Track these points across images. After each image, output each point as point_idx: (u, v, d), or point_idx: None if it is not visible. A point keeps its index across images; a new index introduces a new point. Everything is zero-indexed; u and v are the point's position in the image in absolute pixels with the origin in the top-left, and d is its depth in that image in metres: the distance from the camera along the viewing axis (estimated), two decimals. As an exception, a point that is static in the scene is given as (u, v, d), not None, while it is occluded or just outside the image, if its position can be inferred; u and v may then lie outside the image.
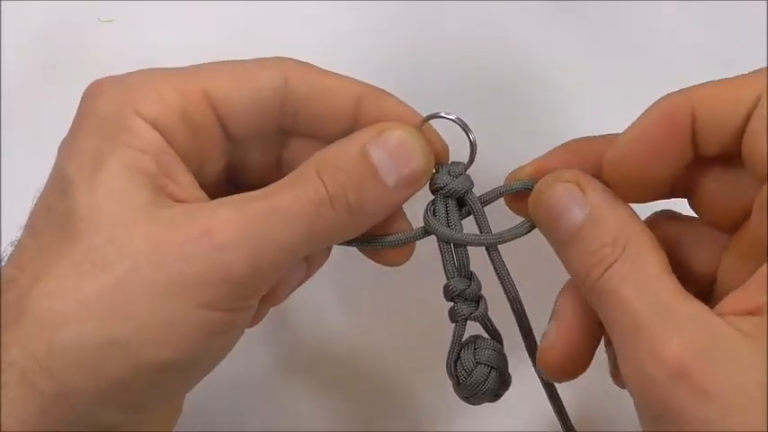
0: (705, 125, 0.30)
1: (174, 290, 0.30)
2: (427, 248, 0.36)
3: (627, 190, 0.33)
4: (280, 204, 0.31)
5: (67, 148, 0.32)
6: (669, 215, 0.36)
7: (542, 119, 0.34)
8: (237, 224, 0.31)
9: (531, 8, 0.56)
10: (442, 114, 0.35)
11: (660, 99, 0.31)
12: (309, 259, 0.37)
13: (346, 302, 0.49)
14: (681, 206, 0.35)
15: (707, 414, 0.26)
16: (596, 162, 0.33)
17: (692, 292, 0.30)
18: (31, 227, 0.32)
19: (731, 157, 0.31)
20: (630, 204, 0.33)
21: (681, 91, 0.31)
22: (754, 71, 0.30)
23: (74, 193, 0.31)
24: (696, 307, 0.28)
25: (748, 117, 0.29)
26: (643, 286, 0.29)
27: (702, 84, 0.31)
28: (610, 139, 0.33)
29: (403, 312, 0.49)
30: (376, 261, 0.37)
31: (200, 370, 0.33)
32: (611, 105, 0.32)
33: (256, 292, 0.32)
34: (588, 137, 0.35)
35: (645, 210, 0.34)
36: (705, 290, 0.34)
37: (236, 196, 0.32)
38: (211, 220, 0.31)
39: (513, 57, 0.55)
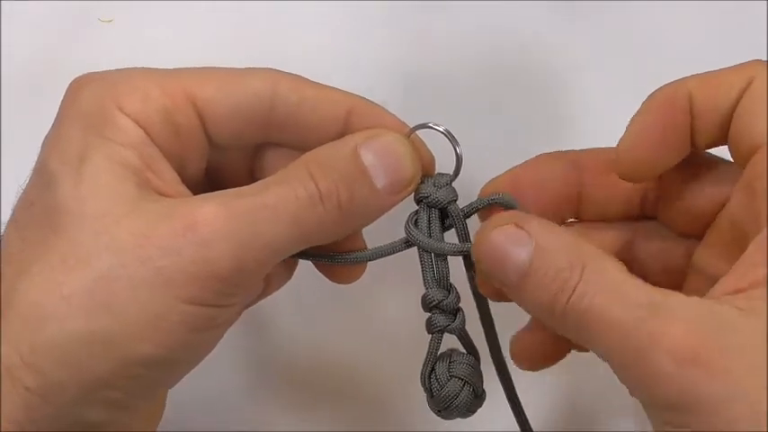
0: (700, 111, 0.31)
1: (158, 284, 0.30)
2: (411, 258, 0.36)
3: (636, 176, 0.34)
4: (267, 200, 0.31)
5: (50, 142, 0.32)
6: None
7: (536, 132, 0.34)
8: (223, 219, 0.30)
9: (531, 12, 0.56)
10: (431, 125, 0.35)
11: (658, 89, 0.32)
12: (269, 278, 0.37)
13: (328, 311, 0.49)
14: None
15: (727, 392, 0.26)
16: (566, 173, 0.35)
17: None
18: (15, 221, 0.32)
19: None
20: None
21: (677, 80, 0.32)
22: (749, 61, 0.31)
23: (58, 186, 0.31)
24: (679, 296, 0.28)
25: (740, 99, 0.31)
26: (616, 296, 0.29)
27: (698, 74, 0.32)
28: (579, 152, 0.35)
29: (383, 322, 0.49)
30: (330, 279, 0.37)
31: (182, 366, 0.33)
32: (609, 110, 0.32)
33: (241, 288, 0.32)
34: (558, 151, 0.36)
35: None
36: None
37: (222, 192, 0.32)
38: (197, 214, 0.30)
39: (508, 66, 0.55)
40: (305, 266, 0.38)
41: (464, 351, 0.36)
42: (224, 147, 0.35)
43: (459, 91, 0.54)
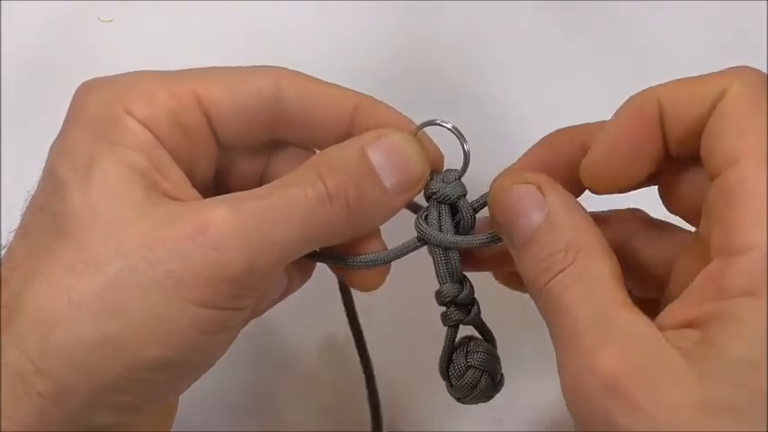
0: (671, 121, 0.30)
1: (168, 287, 0.29)
2: (417, 259, 0.36)
3: (605, 189, 0.33)
4: (277, 202, 0.31)
5: (59, 147, 0.32)
6: (629, 212, 0.36)
7: (537, 126, 0.35)
8: (233, 221, 0.30)
9: (527, 13, 0.56)
10: (438, 122, 0.35)
11: (628, 99, 0.31)
12: (291, 274, 0.37)
13: (335, 312, 0.49)
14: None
15: (637, 427, 0.25)
16: (575, 154, 0.33)
17: (643, 292, 0.30)
18: (23, 227, 0.32)
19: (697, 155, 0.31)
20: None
21: (647, 89, 0.31)
22: (726, 68, 0.30)
23: (67, 192, 0.31)
24: (637, 319, 0.28)
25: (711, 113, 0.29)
26: (586, 295, 0.29)
27: (669, 81, 0.31)
28: (587, 127, 0.34)
29: (390, 324, 0.49)
30: (352, 285, 0.37)
31: (193, 370, 0.33)
32: (607, 109, 0.32)
33: (251, 291, 0.32)
34: (565, 128, 0.35)
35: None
36: (656, 288, 0.34)
37: (231, 194, 0.32)
38: (207, 216, 0.30)
39: (506, 62, 0.55)
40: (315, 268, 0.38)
41: (480, 338, 0.36)
42: (232, 147, 0.35)
43: (452, 97, 0.54)
